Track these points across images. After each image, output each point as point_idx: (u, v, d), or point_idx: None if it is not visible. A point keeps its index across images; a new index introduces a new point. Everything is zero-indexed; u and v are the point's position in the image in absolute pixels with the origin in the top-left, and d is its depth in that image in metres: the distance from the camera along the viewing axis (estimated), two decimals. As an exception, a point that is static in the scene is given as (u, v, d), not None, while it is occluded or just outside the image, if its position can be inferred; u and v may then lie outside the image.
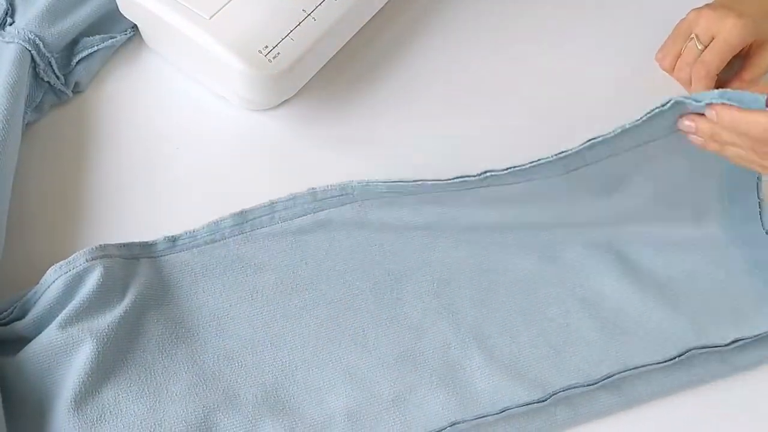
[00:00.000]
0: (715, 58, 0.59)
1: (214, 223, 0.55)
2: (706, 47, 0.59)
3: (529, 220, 0.57)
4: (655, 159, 0.55)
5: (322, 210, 0.56)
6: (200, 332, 0.52)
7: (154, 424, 0.48)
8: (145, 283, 0.52)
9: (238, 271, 0.54)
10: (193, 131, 0.62)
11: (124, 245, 0.53)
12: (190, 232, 0.55)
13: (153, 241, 0.54)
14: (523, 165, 0.52)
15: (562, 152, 0.52)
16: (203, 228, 0.55)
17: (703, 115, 0.51)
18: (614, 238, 0.56)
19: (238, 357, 0.51)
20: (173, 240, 0.54)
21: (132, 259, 0.53)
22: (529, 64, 0.66)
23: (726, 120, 0.49)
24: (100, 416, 0.47)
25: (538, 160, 0.52)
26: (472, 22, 0.68)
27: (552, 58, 0.66)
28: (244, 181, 0.59)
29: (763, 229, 0.57)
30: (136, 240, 0.54)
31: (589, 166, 0.54)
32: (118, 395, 0.48)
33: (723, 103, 0.49)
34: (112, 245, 0.53)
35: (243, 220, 0.55)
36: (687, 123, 0.52)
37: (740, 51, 0.60)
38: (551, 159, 0.52)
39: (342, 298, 0.54)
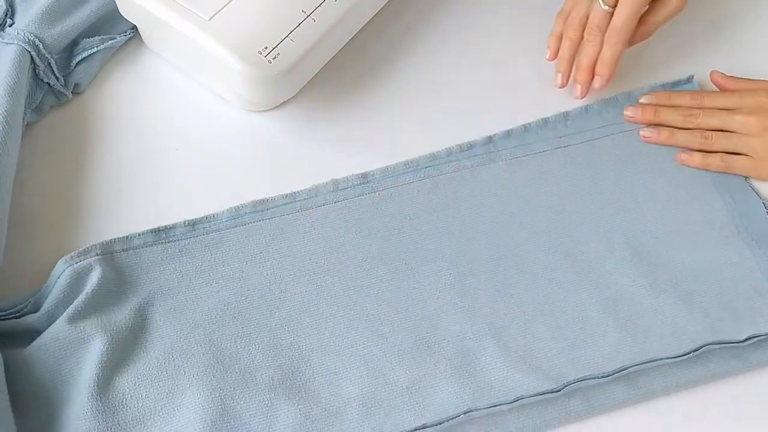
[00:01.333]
0: (626, 23, 0.58)
1: (235, 208, 0.56)
2: (613, 9, 0.58)
3: (544, 207, 0.58)
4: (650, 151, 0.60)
5: (343, 200, 0.56)
6: (218, 315, 0.52)
7: (174, 407, 0.48)
8: (161, 271, 0.53)
9: (257, 256, 0.54)
10: (193, 132, 0.62)
11: (140, 234, 0.54)
12: (210, 216, 0.55)
13: (172, 225, 0.54)
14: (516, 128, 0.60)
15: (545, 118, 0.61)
16: (224, 213, 0.55)
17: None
18: (630, 234, 0.57)
19: (256, 339, 0.52)
20: (192, 224, 0.55)
21: (147, 247, 0.53)
22: (529, 64, 0.66)
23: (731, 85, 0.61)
24: (122, 402, 0.48)
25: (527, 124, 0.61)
26: (472, 24, 0.68)
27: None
28: (244, 181, 0.59)
29: None
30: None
31: (578, 145, 0.60)
32: (137, 380, 0.49)
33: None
34: (122, 238, 0.53)
35: (264, 207, 0.56)
36: (632, 110, 0.62)
37: None
38: (538, 122, 0.61)
39: (359, 285, 0.54)
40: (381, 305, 0.54)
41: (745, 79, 0.63)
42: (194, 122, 0.62)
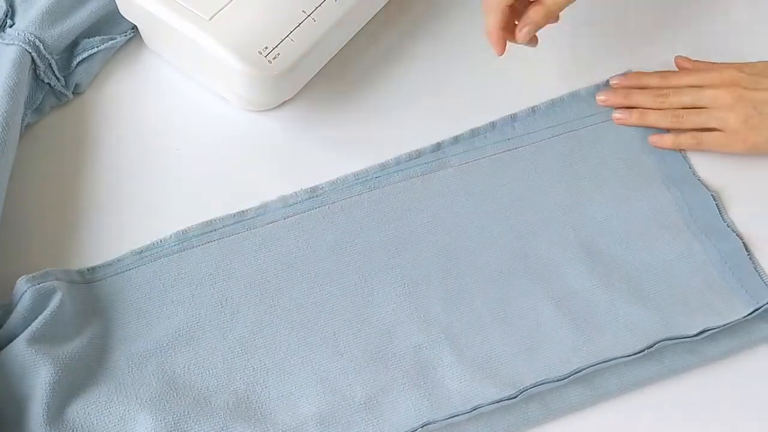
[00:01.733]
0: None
1: (182, 232, 0.55)
2: None
3: (496, 211, 0.58)
4: (597, 145, 0.61)
5: (293, 215, 0.56)
6: (170, 343, 0.51)
7: None
8: (112, 302, 0.52)
9: (206, 279, 0.54)
10: (193, 132, 0.62)
11: (89, 269, 0.53)
12: (157, 242, 0.55)
13: (120, 257, 0.54)
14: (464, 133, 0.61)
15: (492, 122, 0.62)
16: (171, 237, 0.55)
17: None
18: (582, 233, 0.57)
19: (209, 365, 0.51)
20: (140, 252, 0.54)
21: (98, 282, 0.53)
22: (528, 65, 0.66)
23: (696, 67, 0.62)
24: (72, 430, 0.47)
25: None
26: (471, 24, 0.68)
27: (551, 58, 0.66)
28: (244, 181, 0.59)
29: (723, 221, 0.58)
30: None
31: (526, 147, 0.60)
32: (87, 408, 0.48)
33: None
34: (75, 271, 0.53)
35: (211, 228, 0.55)
36: (601, 97, 0.62)
37: None
38: (486, 125, 0.61)
39: (312, 302, 0.54)
40: (335, 321, 0.53)
41: (708, 62, 0.63)
42: (194, 122, 0.62)
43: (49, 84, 0.60)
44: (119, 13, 0.61)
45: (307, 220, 0.56)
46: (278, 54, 0.56)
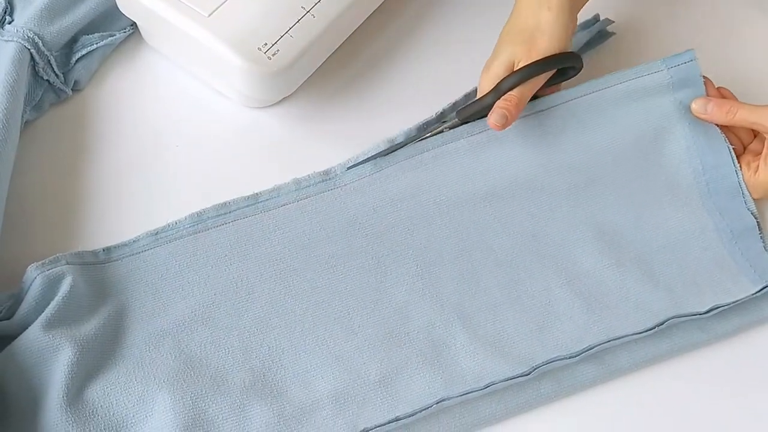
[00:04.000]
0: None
1: (197, 214, 0.55)
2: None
3: (507, 191, 0.57)
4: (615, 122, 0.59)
5: (306, 198, 0.56)
6: (186, 322, 0.52)
7: (145, 414, 0.48)
8: (128, 282, 0.53)
9: (222, 260, 0.54)
10: (193, 128, 0.62)
11: (105, 249, 0.53)
12: (172, 224, 0.55)
13: (135, 238, 0.54)
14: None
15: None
16: (186, 219, 0.55)
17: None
18: (592, 212, 0.57)
19: (225, 343, 0.52)
20: (155, 233, 0.54)
21: (114, 262, 0.53)
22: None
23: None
24: (93, 411, 0.48)
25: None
26: (471, 20, 0.68)
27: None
28: (244, 177, 0.59)
29: (743, 198, 0.58)
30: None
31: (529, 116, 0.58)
32: (107, 389, 0.49)
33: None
34: (90, 252, 0.53)
35: (226, 210, 0.55)
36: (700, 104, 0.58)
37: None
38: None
39: (326, 282, 0.54)
40: (349, 300, 0.54)
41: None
42: (194, 118, 0.62)
43: (48, 81, 0.60)
44: (118, 9, 0.61)
45: (320, 202, 0.56)
46: (278, 50, 0.56)
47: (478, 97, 0.57)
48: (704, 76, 0.59)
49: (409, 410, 0.49)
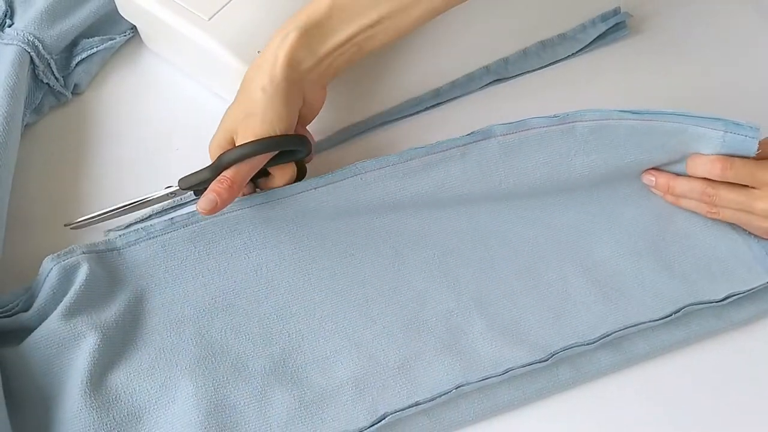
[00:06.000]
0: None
1: None
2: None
3: (524, 183, 0.57)
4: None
5: (324, 185, 0.56)
6: (207, 309, 0.53)
7: (167, 400, 0.49)
8: (147, 268, 0.53)
9: (241, 247, 0.55)
10: (193, 132, 0.62)
11: (121, 234, 0.54)
12: (191, 211, 0.55)
13: (152, 223, 0.54)
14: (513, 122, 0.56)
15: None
16: None
17: (656, 169, 0.56)
18: (607, 202, 0.58)
19: (245, 330, 0.52)
20: (172, 219, 0.54)
21: (129, 246, 0.53)
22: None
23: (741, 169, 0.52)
24: (116, 397, 0.48)
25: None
26: (474, 21, 0.68)
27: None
28: (244, 181, 0.59)
29: None
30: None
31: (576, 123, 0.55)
32: (129, 375, 0.49)
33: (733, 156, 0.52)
34: (104, 240, 0.53)
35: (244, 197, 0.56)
36: (648, 177, 0.56)
37: None
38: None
39: (345, 270, 0.55)
40: (368, 288, 0.54)
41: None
42: (194, 122, 0.62)
43: (48, 84, 0.60)
44: (118, 13, 0.61)
45: (339, 190, 0.56)
46: (278, 54, 0.56)
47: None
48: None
49: (428, 395, 0.50)
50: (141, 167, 0.60)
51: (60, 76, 0.60)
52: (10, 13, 0.59)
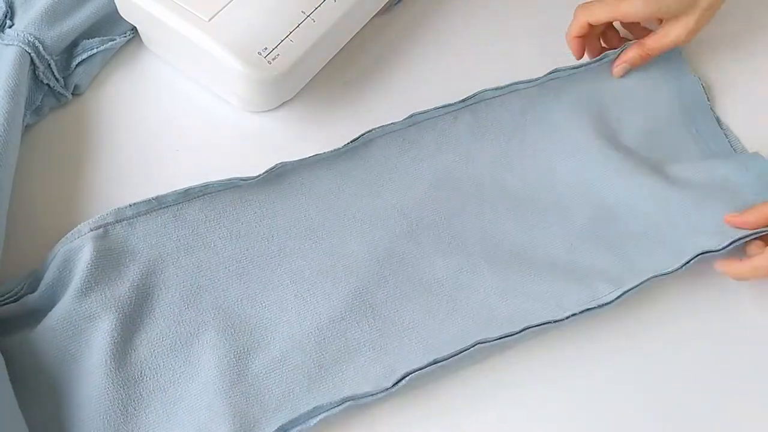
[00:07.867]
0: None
1: (227, 179, 0.56)
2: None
3: (523, 146, 0.61)
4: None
5: (331, 156, 0.57)
6: (222, 277, 0.53)
7: (191, 374, 0.49)
8: (158, 238, 0.53)
9: (252, 216, 0.55)
10: (193, 133, 0.62)
11: (132, 205, 0.53)
12: (201, 184, 0.55)
13: (164, 195, 0.54)
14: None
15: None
16: (215, 181, 0.55)
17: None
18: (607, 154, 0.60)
19: (262, 298, 0.53)
20: (185, 190, 0.54)
21: (139, 216, 0.53)
22: (528, 65, 0.66)
23: None
24: (141, 373, 0.49)
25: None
26: (471, 25, 0.69)
27: (552, 59, 0.66)
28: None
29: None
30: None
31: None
32: (154, 350, 0.50)
33: None
34: (113, 211, 0.53)
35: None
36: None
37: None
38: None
39: (354, 236, 0.56)
40: (378, 252, 0.55)
41: None
42: (194, 123, 0.62)
43: (48, 85, 0.60)
44: (119, 14, 0.61)
45: (345, 160, 0.57)
46: (278, 55, 0.56)
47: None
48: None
49: (447, 353, 0.50)
50: (141, 168, 0.60)
51: (60, 77, 0.60)
52: (10, 13, 0.59)
